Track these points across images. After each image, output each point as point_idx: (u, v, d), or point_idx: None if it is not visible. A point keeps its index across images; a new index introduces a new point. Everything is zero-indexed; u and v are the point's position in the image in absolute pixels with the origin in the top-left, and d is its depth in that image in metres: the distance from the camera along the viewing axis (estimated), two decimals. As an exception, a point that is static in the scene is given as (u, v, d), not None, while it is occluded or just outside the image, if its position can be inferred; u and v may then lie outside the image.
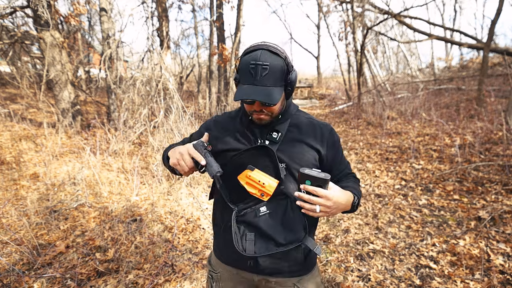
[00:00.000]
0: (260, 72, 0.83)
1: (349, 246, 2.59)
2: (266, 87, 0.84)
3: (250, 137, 0.98)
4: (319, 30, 24.96)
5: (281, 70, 0.85)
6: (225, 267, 1.03)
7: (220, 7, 9.29)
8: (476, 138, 4.60)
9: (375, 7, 9.79)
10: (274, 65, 0.83)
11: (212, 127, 1.06)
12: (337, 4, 13.24)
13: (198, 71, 13.44)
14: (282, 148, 0.94)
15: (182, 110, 4.53)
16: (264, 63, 0.82)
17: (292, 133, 0.97)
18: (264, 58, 0.83)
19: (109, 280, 2.10)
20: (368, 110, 8.67)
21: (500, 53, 7.99)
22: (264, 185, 0.89)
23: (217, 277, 1.06)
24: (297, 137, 0.97)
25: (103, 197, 3.33)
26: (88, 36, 14.14)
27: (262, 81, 0.84)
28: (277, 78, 0.85)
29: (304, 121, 1.00)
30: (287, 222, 0.92)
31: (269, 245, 0.91)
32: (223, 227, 1.01)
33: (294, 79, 0.89)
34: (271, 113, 0.91)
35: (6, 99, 8.59)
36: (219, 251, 1.06)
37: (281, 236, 0.91)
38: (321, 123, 1.02)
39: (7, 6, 5.06)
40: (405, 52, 15.98)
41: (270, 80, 0.84)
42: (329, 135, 0.99)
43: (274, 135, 0.95)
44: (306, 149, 0.96)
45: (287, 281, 0.98)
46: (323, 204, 0.80)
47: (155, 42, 5.65)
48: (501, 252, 2.29)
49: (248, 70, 0.84)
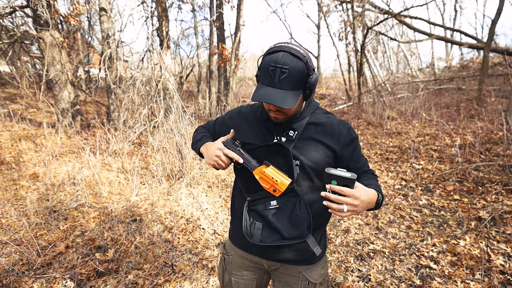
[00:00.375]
0: (278, 75, 0.83)
1: (349, 246, 2.59)
2: (283, 91, 0.84)
3: (267, 133, 1.01)
4: (319, 30, 24.91)
5: (300, 74, 0.85)
6: (237, 250, 1.10)
7: (220, 7, 9.28)
8: (477, 138, 4.59)
9: (375, 7, 9.78)
10: (294, 68, 0.83)
11: (235, 118, 1.11)
12: (337, 4, 13.23)
13: (198, 71, 13.43)
14: (297, 146, 0.96)
15: (182, 110, 4.53)
16: (284, 66, 0.82)
17: (309, 131, 0.98)
18: (284, 61, 0.83)
19: (109, 280, 2.10)
20: (368, 110, 8.67)
21: (501, 53, 7.99)
22: (277, 182, 0.92)
23: (229, 260, 1.13)
24: (313, 136, 0.98)
25: (103, 197, 3.33)
26: (88, 36, 14.14)
27: (280, 84, 0.84)
28: (296, 81, 0.85)
29: (322, 120, 1.01)
30: (293, 219, 0.96)
31: (274, 237, 0.96)
32: (237, 213, 1.08)
33: (313, 82, 0.89)
34: (286, 114, 0.93)
35: (6, 99, 8.59)
36: (232, 235, 1.13)
37: (286, 231, 0.95)
38: (339, 121, 1.02)
39: (6, 5, 5.06)
40: (405, 52, 15.98)
41: (288, 84, 0.84)
42: (347, 133, 0.99)
43: (290, 133, 0.97)
44: (321, 148, 0.97)
45: (294, 269, 1.04)
46: (350, 203, 0.80)
47: (155, 42, 5.64)
48: (502, 252, 2.28)
49: (268, 71, 0.85)
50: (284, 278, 1.06)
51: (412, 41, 11.05)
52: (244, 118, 1.08)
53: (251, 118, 1.06)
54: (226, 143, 0.99)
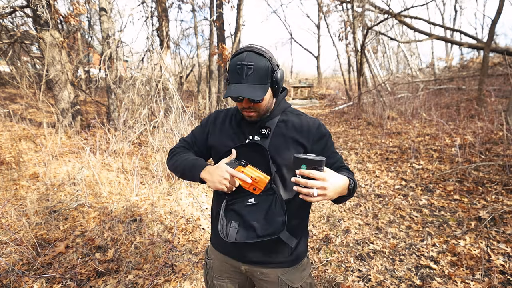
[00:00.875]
0: (245, 71, 0.90)
1: (349, 246, 2.59)
2: (252, 85, 0.90)
3: (241, 133, 1.05)
4: (319, 30, 24.94)
5: (265, 69, 0.91)
6: (217, 254, 1.11)
7: (220, 7, 9.28)
8: (477, 138, 4.59)
9: (375, 7, 9.78)
10: (259, 64, 0.90)
11: (211, 122, 1.14)
12: (337, 4, 13.23)
13: (198, 71, 13.43)
14: (270, 143, 1.00)
15: (182, 110, 4.53)
16: (249, 63, 0.89)
17: (280, 128, 1.03)
18: (249, 58, 0.90)
19: (109, 280, 2.10)
20: (368, 110, 8.67)
21: (501, 53, 7.99)
22: (256, 181, 0.94)
23: (211, 264, 1.14)
24: (283, 132, 1.02)
25: (103, 197, 3.33)
26: (88, 36, 14.14)
27: (248, 79, 0.90)
28: (262, 76, 0.91)
29: (292, 118, 1.06)
30: (269, 216, 0.97)
31: (249, 234, 0.96)
32: (215, 214, 1.09)
33: (279, 77, 0.95)
34: (258, 110, 0.97)
35: (6, 99, 8.59)
36: (213, 239, 1.14)
37: (261, 228, 0.96)
38: (309, 118, 1.06)
39: (6, 5, 5.06)
40: (405, 52, 15.98)
41: (255, 79, 0.91)
42: (316, 130, 1.03)
43: (263, 131, 1.01)
44: (291, 144, 1.00)
45: (271, 272, 1.03)
46: (320, 186, 0.80)
47: (155, 42, 5.64)
48: (502, 252, 2.28)
49: (235, 70, 0.91)
50: (264, 284, 1.06)
51: (412, 41, 11.05)
52: (220, 122, 1.12)
53: (227, 122, 1.10)
54: (231, 164, 0.97)
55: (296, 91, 16.95)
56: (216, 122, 1.13)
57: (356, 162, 4.90)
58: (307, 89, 16.73)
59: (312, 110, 12.13)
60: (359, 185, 3.94)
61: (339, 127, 8.11)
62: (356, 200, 3.51)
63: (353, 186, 0.91)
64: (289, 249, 1.03)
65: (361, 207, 3.33)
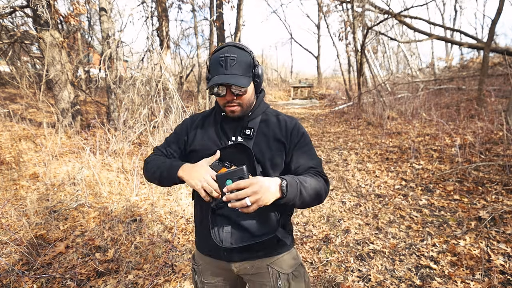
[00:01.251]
0: (229, 62, 0.91)
1: (349, 246, 2.59)
2: (236, 75, 0.91)
3: (223, 135, 1.03)
4: (319, 30, 24.95)
5: (247, 62, 0.94)
6: (205, 258, 1.08)
7: (220, 7, 9.29)
8: (477, 138, 4.59)
9: (375, 7, 9.78)
10: (241, 57, 0.93)
11: (187, 127, 1.11)
12: (337, 4, 13.23)
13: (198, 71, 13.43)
14: (254, 143, 1.00)
15: (182, 110, 4.53)
16: (232, 55, 0.92)
17: (262, 128, 1.03)
18: (231, 51, 0.93)
19: (109, 280, 2.10)
20: (368, 110, 8.67)
21: (501, 53, 7.99)
22: None
23: (199, 270, 1.11)
24: (265, 132, 1.02)
25: (103, 197, 3.33)
26: (88, 36, 14.14)
27: (232, 70, 0.91)
28: (245, 68, 0.93)
29: (271, 117, 1.07)
30: (262, 215, 0.95)
31: (244, 236, 0.95)
32: (201, 220, 1.06)
33: (260, 72, 0.98)
34: (241, 104, 0.97)
35: (6, 99, 8.59)
36: (199, 244, 1.11)
37: (256, 228, 0.95)
38: (286, 117, 1.08)
39: (6, 5, 5.05)
40: (405, 52, 15.98)
41: (239, 69, 0.92)
42: (293, 128, 1.04)
43: (247, 131, 1.00)
44: (272, 142, 1.01)
45: (261, 263, 1.02)
46: (251, 192, 0.79)
47: (155, 42, 5.65)
48: (502, 252, 2.28)
49: (218, 62, 0.93)
50: (256, 278, 1.05)
51: (412, 41, 11.06)
52: (197, 125, 1.09)
53: (206, 124, 1.08)
54: (215, 166, 0.92)
55: (296, 91, 16.95)
56: (193, 126, 1.10)
57: (356, 162, 4.90)
58: (307, 89, 16.74)
59: (312, 110, 12.13)
60: (359, 185, 3.94)
61: (339, 127, 8.11)
62: (356, 200, 3.51)
63: (286, 185, 0.85)
64: (275, 239, 0.99)
65: (361, 207, 3.33)
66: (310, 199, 0.92)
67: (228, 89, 0.94)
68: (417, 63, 19.70)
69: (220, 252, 1.01)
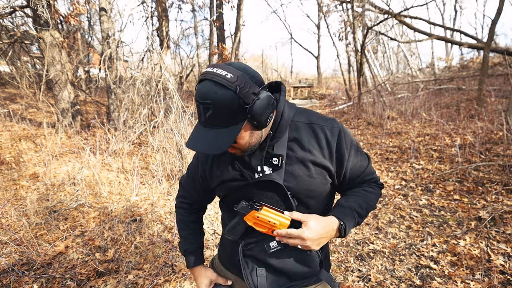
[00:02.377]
0: (203, 112, 0.68)
1: (349, 246, 2.59)
2: (214, 129, 0.69)
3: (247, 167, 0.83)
4: (319, 30, 24.94)
5: (228, 107, 0.66)
6: (226, 272, 1.00)
7: (220, 7, 9.29)
8: (477, 138, 4.59)
9: (375, 7, 9.78)
10: (218, 102, 0.65)
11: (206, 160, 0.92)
12: (337, 4, 13.23)
13: (198, 71, 13.44)
14: (286, 172, 0.80)
15: (182, 110, 4.53)
16: (206, 102, 0.66)
17: (293, 151, 0.80)
18: (205, 93, 0.65)
19: (109, 280, 2.10)
20: (368, 110, 8.67)
21: (501, 53, 7.99)
22: (275, 225, 0.78)
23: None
24: (298, 156, 0.80)
25: (103, 197, 3.33)
26: (88, 36, 14.14)
27: (208, 122, 0.69)
28: (227, 117, 0.67)
29: (304, 130, 0.82)
30: (300, 257, 0.85)
31: (281, 280, 0.86)
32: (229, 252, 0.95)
33: (258, 110, 0.68)
34: (240, 148, 0.76)
35: (6, 99, 8.59)
36: (223, 258, 1.02)
37: (295, 272, 0.85)
38: (325, 125, 0.83)
39: (6, 5, 5.05)
40: (405, 52, 15.98)
41: (216, 122, 0.68)
42: (338, 142, 0.82)
43: (274, 160, 0.79)
44: (312, 168, 0.80)
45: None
46: (299, 244, 0.75)
47: (155, 42, 5.64)
48: (502, 252, 2.28)
49: (197, 106, 0.70)
50: None
51: (412, 41, 11.06)
52: (214, 158, 0.90)
53: (223, 156, 0.87)
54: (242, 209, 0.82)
55: (296, 91, 16.95)
56: (209, 161, 0.90)
57: (356, 162, 4.90)
58: (307, 89, 16.73)
59: (312, 110, 12.11)
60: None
61: (339, 127, 8.09)
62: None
63: (344, 227, 0.78)
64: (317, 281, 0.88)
65: (361, 207, 3.33)
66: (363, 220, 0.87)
67: None
68: (417, 63, 19.70)
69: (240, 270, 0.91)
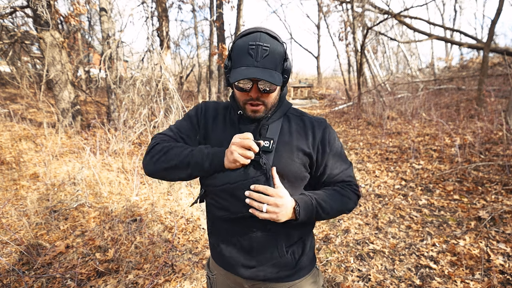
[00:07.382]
0: (260, 53, 0.76)
1: (349, 246, 2.59)
2: (267, 69, 0.77)
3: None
4: (319, 30, 24.96)
5: (280, 55, 0.80)
6: (220, 270, 1.03)
7: (220, 7, 9.29)
8: (476, 138, 4.59)
9: (375, 7, 9.79)
10: (274, 48, 0.78)
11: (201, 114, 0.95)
12: (337, 4, 13.24)
13: (198, 71, 13.44)
14: (275, 155, 0.87)
15: (182, 110, 4.53)
16: (264, 44, 0.76)
17: (284, 136, 0.89)
18: (264, 39, 0.77)
19: (109, 280, 2.10)
20: (368, 110, 8.67)
21: (500, 53, 7.99)
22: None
23: (214, 279, 1.08)
24: (287, 140, 0.89)
25: (103, 197, 3.33)
26: (88, 36, 14.15)
27: (263, 63, 0.77)
28: (277, 61, 0.79)
29: (295, 120, 0.92)
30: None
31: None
32: (217, 235, 0.99)
33: (290, 67, 0.83)
34: (266, 103, 0.83)
35: (6, 99, 8.59)
36: (214, 255, 1.05)
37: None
38: (314, 120, 0.93)
39: (7, 6, 5.06)
40: (405, 52, 15.98)
41: (271, 63, 0.78)
42: (323, 136, 0.90)
43: (266, 143, 0.85)
44: (297, 154, 0.88)
45: (276, 286, 0.95)
46: (272, 202, 0.78)
47: (155, 42, 5.65)
48: (501, 252, 2.29)
49: (246, 51, 0.77)
50: None
51: (412, 41, 11.06)
52: (211, 116, 0.94)
53: (220, 120, 0.93)
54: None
55: (296, 91, 16.95)
56: (208, 116, 0.94)
57: (356, 162, 4.90)
58: (307, 89, 16.73)
59: (312, 110, 12.13)
60: (359, 185, 3.94)
61: (339, 127, 8.11)
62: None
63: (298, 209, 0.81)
64: (293, 261, 0.93)
65: (361, 207, 3.33)
66: (329, 217, 0.89)
67: (255, 84, 0.79)
68: (417, 63, 19.71)
69: (231, 264, 0.96)
